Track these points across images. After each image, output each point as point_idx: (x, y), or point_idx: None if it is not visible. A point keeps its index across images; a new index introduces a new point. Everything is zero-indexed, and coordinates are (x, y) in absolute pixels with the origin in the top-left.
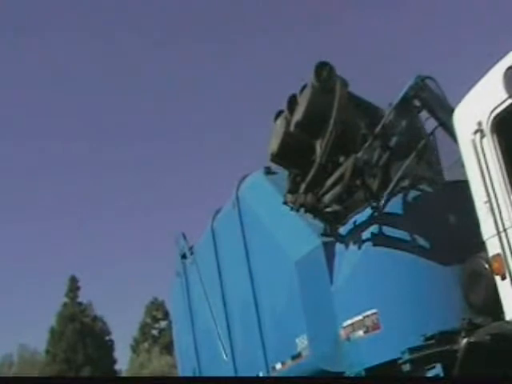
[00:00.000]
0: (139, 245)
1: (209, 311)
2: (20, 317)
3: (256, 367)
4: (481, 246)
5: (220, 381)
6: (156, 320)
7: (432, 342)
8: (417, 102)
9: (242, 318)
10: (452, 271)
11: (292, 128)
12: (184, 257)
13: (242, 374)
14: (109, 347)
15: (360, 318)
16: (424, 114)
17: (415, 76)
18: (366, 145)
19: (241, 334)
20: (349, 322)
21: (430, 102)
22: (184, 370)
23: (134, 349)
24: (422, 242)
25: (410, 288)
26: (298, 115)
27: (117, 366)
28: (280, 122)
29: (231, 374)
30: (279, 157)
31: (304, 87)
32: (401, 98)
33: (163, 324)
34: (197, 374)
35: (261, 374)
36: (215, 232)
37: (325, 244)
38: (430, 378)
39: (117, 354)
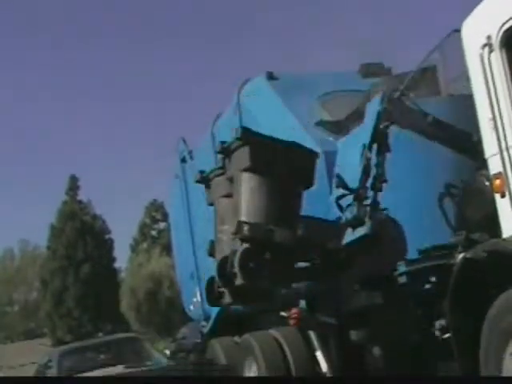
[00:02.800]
0: (139, 146)
1: (207, 215)
2: (20, 212)
3: None
4: (482, 163)
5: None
6: (155, 221)
7: (427, 255)
8: None
9: None
10: (451, 187)
11: None
12: (183, 161)
13: None
14: (108, 246)
15: None
16: None
17: None
18: None
19: None
20: None
21: None
22: (182, 272)
23: (134, 248)
24: (422, 155)
25: (407, 202)
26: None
27: (116, 265)
28: None
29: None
30: None
31: None
32: None
33: (162, 225)
34: (195, 278)
35: None
36: (215, 137)
37: (326, 153)
38: (434, 377)
39: (116, 253)
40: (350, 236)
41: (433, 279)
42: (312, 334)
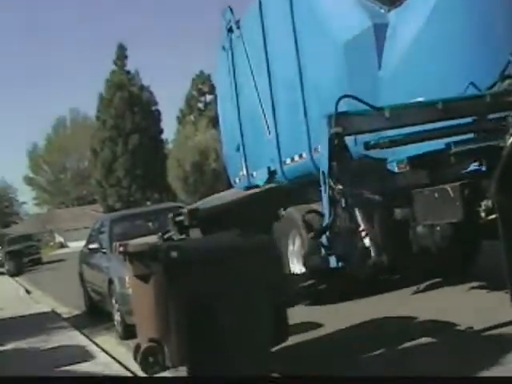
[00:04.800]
0: (187, 15)
1: (254, 88)
2: (71, 81)
3: (298, 147)
4: None
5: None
6: (202, 93)
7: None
8: None
9: (286, 96)
10: None
11: None
12: (230, 31)
13: (284, 152)
14: (156, 117)
15: None
16: None
17: None
18: None
19: (285, 112)
20: None
21: None
22: (228, 145)
23: (180, 120)
24: (479, 35)
25: (458, 79)
26: None
27: (163, 136)
28: None
29: (274, 151)
30: None
31: None
32: None
33: (209, 98)
34: (241, 151)
35: (303, 154)
36: (263, 6)
37: (376, 26)
38: (434, 378)
39: (163, 125)
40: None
41: (481, 160)
42: (356, 210)
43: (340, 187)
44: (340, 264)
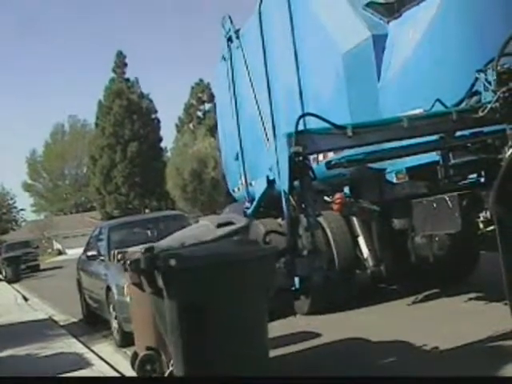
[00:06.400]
0: (185, 24)
1: (253, 97)
2: (69, 88)
3: None
4: None
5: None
6: (201, 102)
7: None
8: None
9: (285, 105)
10: None
11: None
12: (230, 40)
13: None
14: (155, 125)
15: None
16: None
17: None
18: None
19: (284, 121)
20: None
21: None
22: (227, 153)
23: (179, 129)
24: (479, 43)
25: (457, 90)
26: None
27: (162, 144)
28: None
29: (273, 160)
30: None
31: None
32: None
33: (208, 106)
34: (240, 159)
35: None
36: (262, 16)
37: (375, 37)
38: (434, 378)
39: (162, 133)
40: None
41: (479, 172)
42: (354, 220)
43: (302, 207)
44: (302, 285)
